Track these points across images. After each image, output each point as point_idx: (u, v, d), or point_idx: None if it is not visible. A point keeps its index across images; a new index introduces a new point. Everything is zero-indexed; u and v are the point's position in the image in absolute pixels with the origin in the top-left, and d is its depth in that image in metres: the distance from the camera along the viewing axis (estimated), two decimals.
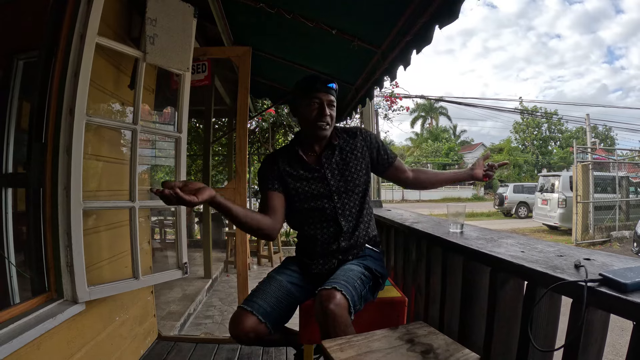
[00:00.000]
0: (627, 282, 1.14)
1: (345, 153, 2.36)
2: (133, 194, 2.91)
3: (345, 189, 2.31)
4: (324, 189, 2.30)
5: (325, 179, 2.30)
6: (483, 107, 44.81)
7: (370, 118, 5.65)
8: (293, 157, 2.35)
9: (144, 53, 2.91)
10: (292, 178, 2.32)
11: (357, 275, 2.10)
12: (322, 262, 2.33)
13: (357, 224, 2.35)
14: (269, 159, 2.42)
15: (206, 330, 4.75)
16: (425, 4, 2.53)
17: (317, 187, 2.30)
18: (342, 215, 2.31)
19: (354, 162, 2.36)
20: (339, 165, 2.33)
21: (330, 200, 2.30)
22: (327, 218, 2.31)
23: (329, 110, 2.23)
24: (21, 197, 2.91)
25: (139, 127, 2.90)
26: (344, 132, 2.45)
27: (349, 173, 2.33)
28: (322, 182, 2.30)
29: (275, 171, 2.32)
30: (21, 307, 2.26)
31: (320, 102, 2.22)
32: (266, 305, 2.11)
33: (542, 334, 1.55)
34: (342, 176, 2.32)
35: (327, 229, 2.32)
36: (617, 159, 16.86)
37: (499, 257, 1.68)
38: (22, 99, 3.08)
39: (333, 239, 2.32)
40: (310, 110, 2.24)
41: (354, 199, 2.34)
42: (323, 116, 2.22)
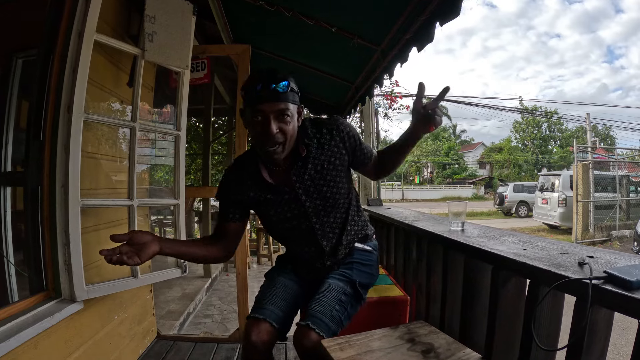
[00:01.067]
0: (632, 279, 1.12)
1: (321, 163, 1.93)
2: (132, 192, 2.89)
3: (324, 207, 1.97)
4: (298, 210, 1.95)
5: (299, 200, 1.93)
6: (483, 106, 44.69)
7: (370, 117, 5.65)
8: (257, 179, 1.95)
9: (142, 50, 2.90)
10: (259, 205, 1.99)
11: (336, 299, 1.90)
12: (307, 272, 2.15)
13: (339, 241, 2.06)
14: (228, 181, 2.02)
15: (205, 329, 4.73)
16: (426, 2, 2.52)
17: (290, 210, 1.96)
18: (322, 236, 2.01)
19: (332, 173, 1.95)
20: (313, 179, 1.93)
21: (307, 221, 1.98)
22: (305, 238, 2.02)
23: (276, 126, 1.73)
24: (19, 195, 2.90)
25: (137, 125, 2.88)
26: (315, 130, 1.95)
27: (328, 188, 1.95)
28: (295, 204, 1.95)
29: (237, 198, 1.99)
30: (19, 305, 2.24)
31: (263, 115, 1.72)
32: (278, 310, 1.92)
33: (544, 333, 1.53)
34: (319, 193, 1.94)
35: (309, 248, 2.05)
36: (618, 158, 16.86)
37: (500, 255, 1.67)
38: (20, 97, 3.07)
39: (316, 257, 2.07)
40: (255, 132, 1.79)
41: (334, 215, 2.02)
42: (268, 136, 1.73)
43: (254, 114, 1.73)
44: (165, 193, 3.94)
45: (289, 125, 1.76)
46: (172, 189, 3.29)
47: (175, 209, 3.30)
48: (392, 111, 15.72)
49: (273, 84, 1.69)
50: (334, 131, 1.94)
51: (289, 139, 1.78)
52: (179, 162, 3.25)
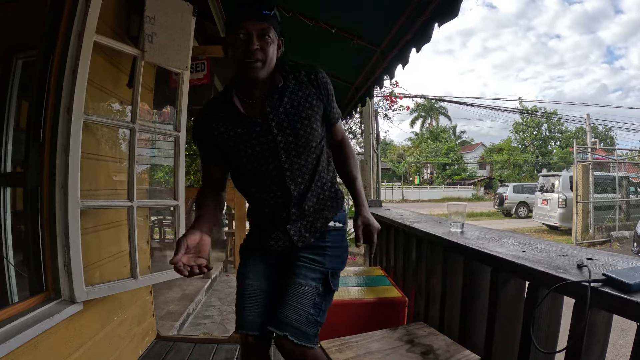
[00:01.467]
0: (631, 282, 1.13)
1: (298, 99, 1.86)
2: (131, 193, 2.89)
3: (295, 145, 1.84)
4: (268, 145, 1.83)
5: (270, 132, 1.81)
6: (483, 107, 44.79)
7: (370, 117, 5.65)
8: (228, 110, 1.88)
9: (142, 51, 2.90)
10: (229, 141, 1.87)
11: (310, 303, 1.84)
12: (274, 237, 1.95)
13: (308, 188, 1.92)
14: (200, 121, 1.95)
15: (205, 330, 4.73)
16: (425, 2, 2.52)
17: (259, 144, 1.83)
18: (290, 177, 1.87)
19: (307, 112, 1.86)
20: (288, 114, 1.84)
21: (277, 160, 1.84)
22: (273, 181, 1.88)
23: (258, 43, 1.72)
24: (19, 196, 2.90)
25: (137, 126, 2.88)
26: (295, 70, 1.93)
27: (302, 126, 1.84)
28: (265, 137, 1.82)
29: (209, 137, 1.91)
30: (18, 306, 2.24)
31: (246, 32, 1.72)
32: (257, 318, 1.89)
33: (543, 335, 1.54)
34: (292, 129, 1.83)
35: (274, 192, 1.90)
36: (617, 159, 16.86)
37: (500, 257, 1.67)
38: (20, 98, 3.07)
39: (282, 206, 1.91)
40: (236, 48, 1.75)
41: (305, 158, 1.89)
42: (249, 51, 1.71)
43: (237, 31, 1.72)
44: (165, 194, 3.94)
45: (269, 47, 1.76)
46: (172, 190, 3.29)
47: (175, 210, 3.29)
48: (392, 112, 15.73)
49: (256, 6, 1.73)
50: (312, 75, 1.91)
51: (268, 60, 1.76)
52: (178, 163, 3.25)
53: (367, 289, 2.79)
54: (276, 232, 1.95)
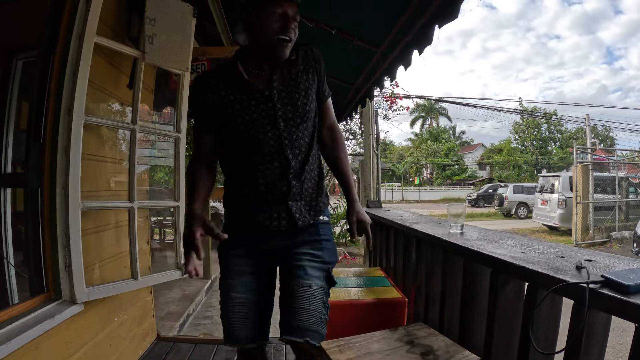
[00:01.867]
0: (629, 283, 1.13)
1: (296, 72, 1.92)
2: (132, 194, 2.89)
3: (293, 115, 1.88)
4: (266, 112, 1.84)
5: (271, 100, 1.84)
6: (483, 107, 44.83)
7: (370, 118, 5.66)
8: (231, 78, 1.89)
9: (142, 53, 2.91)
10: (227, 106, 1.86)
11: (321, 303, 1.84)
12: (275, 216, 1.89)
13: (306, 159, 1.92)
14: (200, 84, 1.93)
15: (205, 330, 4.73)
16: (426, 4, 2.53)
17: (258, 111, 1.84)
18: (289, 146, 1.86)
19: (304, 83, 1.92)
20: (288, 85, 1.89)
21: (275, 128, 1.84)
22: (270, 150, 1.85)
23: (292, 24, 1.78)
24: (19, 197, 2.91)
25: (137, 127, 2.89)
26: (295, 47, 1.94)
27: (299, 97, 1.89)
28: (265, 105, 1.84)
29: (207, 102, 1.89)
30: (19, 307, 2.25)
31: (283, 12, 1.76)
32: (250, 331, 1.92)
33: (543, 336, 1.54)
34: (290, 100, 1.88)
35: (270, 163, 1.86)
36: (617, 160, 16.86)
37: (499, 258, 1.68)
38: (20, 99, 3.08)
39: (280, 177, 1.87)
40: (270, 22, 1.76)
41: (303, 129, 1.91)
42: (287, 30, 1.77)
43: (274, 8, 1.75)
44: (166, 194, 3.94)
45: (296, 32, 1.83)
46: (172, 191, 3.30)
47: (175, 211, 3.30)
48: (392, 112, 15.73)
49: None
50: (309, 51, 1.97)
51: (294, 41, 1.84)
52: (179, 164, 3.25)
53: (367, 289, 2.80)
54: (277, 209, 1.89)
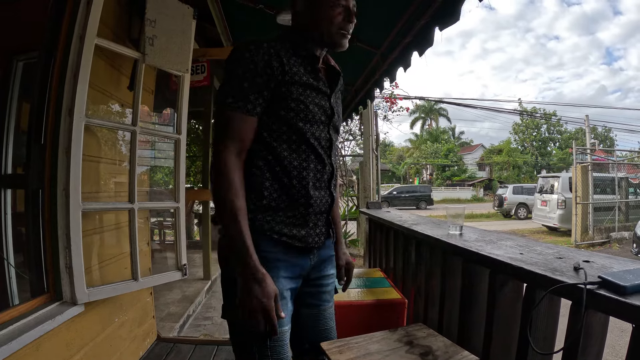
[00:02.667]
0: (626, 284, 1.14)
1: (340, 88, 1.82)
2: (132, 195, 2.90)
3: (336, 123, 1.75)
4: (324, 110, 1.66)
5: (329, 99, 1.69)
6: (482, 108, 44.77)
7: (370, 119, 5.67)
8: (304, 57, 1.65)
9: (143, 54, 2.92)
10: (301, 86, 1.59)
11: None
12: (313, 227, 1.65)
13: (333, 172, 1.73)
14: (267, 48, 1.53)
15: (205, 331, 4.74)
16: (425, 6, 2.54)
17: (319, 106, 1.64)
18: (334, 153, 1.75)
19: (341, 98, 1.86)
20: (336, 95, 1.77)
21: (327, 130, 1.69)
22: (323, 153, 1.66)
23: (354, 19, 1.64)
24: (20, 198, 2.91)
25: (138, 129, 2.90)
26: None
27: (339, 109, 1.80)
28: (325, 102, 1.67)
29: (274, 74, 1.53)
30: (20, 308, 2.26)
31: (347, 5, 1.61)
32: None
33: (541, 336, 1.55)
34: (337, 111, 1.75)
35: (323, 167, 1.66)
36: (617, 160, 16.87)
37: (498, 259, 1.68)
38: (21, 100, 3.08)
39: (327, 183, 1.69)
40: (334, 11, 1.59)
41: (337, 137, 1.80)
42: (350, 22, 1.62)
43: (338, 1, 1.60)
44: (166, 196, 3.95)
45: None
46: (173, 192, 3.31)
47: (176, 212, 3.31)
48: (392, 113, 15.75)
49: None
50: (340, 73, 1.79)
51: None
52: (179, 166, 3.26)
53: (367, 290, 2.81)
54: (320, 220, 1.69)
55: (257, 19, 3.96)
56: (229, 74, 1.54)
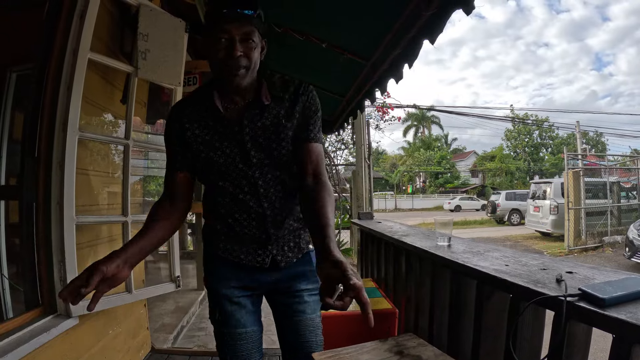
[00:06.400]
0: (605, 297, 1.18)
1: (280, 118, 1.69)
2: (126, 209, 2.92)
3: (269, 162, 1.70)
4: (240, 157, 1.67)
5: (244, 145, 1.66)
6: (474, 115, 44.99)
7: (362, 129, 5.71)
8: (206, 109, 1.69)
9: (136, 68, 2.95)
10: (202, 145, 1.68)
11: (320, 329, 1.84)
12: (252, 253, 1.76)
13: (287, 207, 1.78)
14: (174, 115, 1.73)
15: (199, 342, 4.74)
16: (414, 18, 2.58)
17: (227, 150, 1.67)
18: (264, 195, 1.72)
19: (287, 131, 1.69)
20: (266, 131, 1.67)
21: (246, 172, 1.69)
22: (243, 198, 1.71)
23: (242, 48, 1.54)
24: (14, 211, 2.93)
25: (131, 142, 2.93)
26: (283, 86, 1.72)
27: (277, 146, 1.69)
28: (238, 148, 1.67)
29: (182, 136, 1.69)
30: (15, 321, 2.27)
31: (229, 37, 1.53)
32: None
33: (527, 346, 1.59)
34: (267, 150, 1.68)
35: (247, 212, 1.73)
36: (608, 165, 16.98)
37: (483, 272, 1.72)
38: (15, 113, 3.10)
39: (257, 227, 1.74)
40: (215, 50, 1.56)
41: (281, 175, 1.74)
42: (232, 57, 1.53)
43: (219, 35, 1.53)
44: None
45: (254, 51, 1.59)
46: None
47: None
48: (384, 122, 15.83)
49: (239, 8, 1.52)
50: (299, 90, 1.72)
51: (252, 66, 1.60)
52: None
53: None
54: (258, 250, 1.77)
55: None
56: None
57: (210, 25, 1.56)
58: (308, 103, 1.72)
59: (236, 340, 1.76)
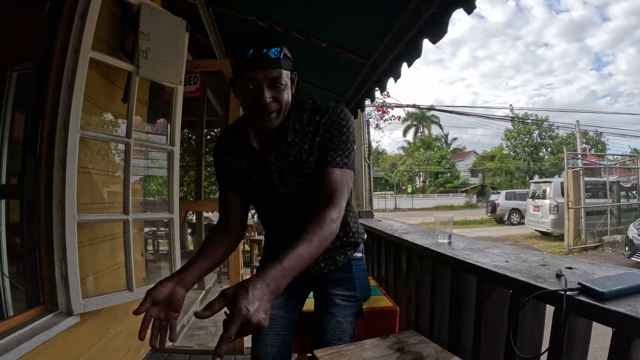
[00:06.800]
0: (604, 290, 1.19)
1: (302, 154, 1.73)
2: (127, 207, 2.93)
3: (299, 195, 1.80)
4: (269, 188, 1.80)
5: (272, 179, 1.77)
6: (474, 115, 45.06)
7: (362, 128, 5.70)
8: (243, 143, 1.78)
9: (137, 67, 2.95)
10: (240, 174, 1.82)
11: (349, 336, 1.91)
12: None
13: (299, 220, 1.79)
14: (218, 149, 1.89)
15: (200, 341, 4.74)
16: (414, 17, 2.58)
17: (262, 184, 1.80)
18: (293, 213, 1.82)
19: (308, 166, 1.74)
20: (291, 167, 1.75)
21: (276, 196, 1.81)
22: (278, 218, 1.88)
23: (270, 94, 1.56)
24: (15, 209, 2.94)
25: (132, 141, 2.93)
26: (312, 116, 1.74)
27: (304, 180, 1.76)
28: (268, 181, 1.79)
29: (228, 166, 1.83)
30: (17, 319, 2.28)
31: (256, 84, 1.55)
32: (270, 348, 1.88)
33: (528, 341, 1.59)
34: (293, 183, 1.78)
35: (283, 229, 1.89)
36: (608, 164, 16.98)
37: (483, 267, 1.73)
38: (15, 112, 3.11)
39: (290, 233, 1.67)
40: (245, 95, 1.59)
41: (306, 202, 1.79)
42: (261, 106, 1.56)
43: (246, 82, 1.56)
44: (160, 206, 3.98)
45: (283, 93, 1.60)
46: (167, 203, 3.33)
47: (170, 223, 3.34)
48: (384, 122, 15.83)
49: (264, 49, 1.52)
50: (326, 115, 1.72)
51: (283, 107, 1.62)
52: (172, 177, 3.29)
53: None
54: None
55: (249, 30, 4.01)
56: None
57: (237, 71, 1.59)
58: (327, 127, 1.71)
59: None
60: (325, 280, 2.01)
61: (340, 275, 2.01)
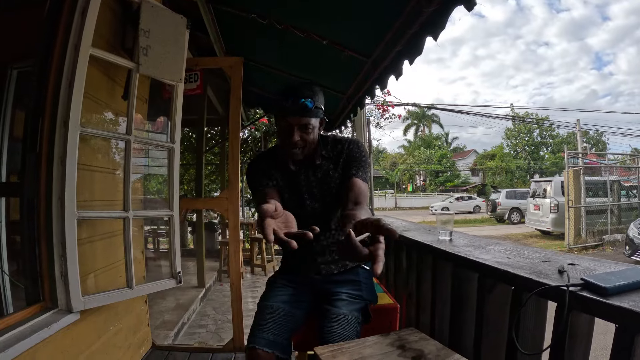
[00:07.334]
0: (607, 286, 1.18)
1: (329, 171, 2.15)
2: (127, 204, 2.92)
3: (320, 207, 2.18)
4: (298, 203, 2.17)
5: (301, 195, 2.17)
6: (475, 114, 45.05)
7: (362, 126, 5.70)
8: (280, 164, 2.17)
9: (137, 64, 2.94)
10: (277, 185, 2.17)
11: (354, 329, 1.97)
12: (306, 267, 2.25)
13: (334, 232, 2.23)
14: (258, 163, 2.23)
15: (200, 339, 4.75)
16: (415, 15, 2.57)
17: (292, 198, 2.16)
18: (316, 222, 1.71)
19: (334, 181, 2.14)
20: (318, 184, 2.16)
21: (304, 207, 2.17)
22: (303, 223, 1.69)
23: (298, 135, 1.95)
24: (15, 206, 2.93)
25: (132, 138, 2.92)
26: (334, 144, 2.17)
27: (328, 195, 2.16)
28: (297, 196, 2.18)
29: (266, 173, 2.16)
30: (16, 316, 2.27)
31: (287, 126, 1.95)
32: (267, 335, 1.95)
33: (529, 337, 1.59)
34: (318, 197, 2.17)
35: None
36: (608, 163, 16.96)
37: (485, 264, 1.73)
38: (15, 109, 3.10)
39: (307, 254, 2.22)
40: (279, 134, 2.05)
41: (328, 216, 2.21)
42: (289, 144, 1.97)
43: (280, 121, 1.98)
44: (160, 204, 3.97)
45: (310, 136, 1.99)
46: (167, 201, 3.32)
47: (170, 221, 3.32)
48: (384, 121, 15.80)
49: (301, 99, 1.90)
50: (344, 147, 2.14)
51: (308, 145, 2.02)
52: (173, 175, 3.28)
53: None
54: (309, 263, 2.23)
55: (249, 28, 4.00)
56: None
57: (277, 113, 2.01)
58: (350, 151, 2.13)
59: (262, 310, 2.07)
60: (333, 280, 2.22)
61: (349, 277, 2.23)
